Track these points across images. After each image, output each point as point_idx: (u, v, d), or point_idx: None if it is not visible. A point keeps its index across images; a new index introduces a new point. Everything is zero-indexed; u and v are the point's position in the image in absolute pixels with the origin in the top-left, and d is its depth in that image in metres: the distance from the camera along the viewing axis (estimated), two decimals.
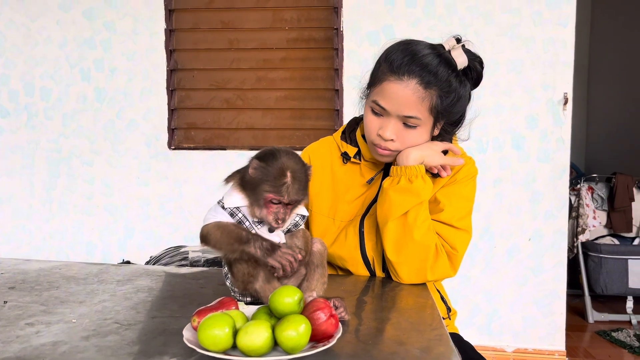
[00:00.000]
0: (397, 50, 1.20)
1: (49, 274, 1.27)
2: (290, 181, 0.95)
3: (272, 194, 0.95)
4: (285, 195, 0.95)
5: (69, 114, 2.96)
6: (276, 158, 0.96)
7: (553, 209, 2.73)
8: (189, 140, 2.94)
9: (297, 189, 0.96)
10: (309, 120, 2.87)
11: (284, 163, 0.95)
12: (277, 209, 0.96)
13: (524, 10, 2.67)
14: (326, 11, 2.81)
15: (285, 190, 0.95)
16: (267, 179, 0.95)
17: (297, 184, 0.96)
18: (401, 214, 1.21)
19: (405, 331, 0.92)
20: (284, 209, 0.96)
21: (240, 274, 0.97)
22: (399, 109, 1.18)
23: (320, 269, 1.02)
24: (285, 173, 0.95)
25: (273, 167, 0.95)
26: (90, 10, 2.90)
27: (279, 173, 0.95)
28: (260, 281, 0.95)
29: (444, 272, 1.23)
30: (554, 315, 2.76)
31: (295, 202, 0.97)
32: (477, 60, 1.24)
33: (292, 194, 0.95)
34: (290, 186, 0.95)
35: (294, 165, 0.97)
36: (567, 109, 2.67)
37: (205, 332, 0.75)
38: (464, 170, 1.30)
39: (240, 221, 0.99)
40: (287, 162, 0.96)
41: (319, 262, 1.02)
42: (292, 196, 0.96)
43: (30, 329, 0.90)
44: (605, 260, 3.33)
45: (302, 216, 1.04)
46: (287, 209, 0.97)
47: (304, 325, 0.77)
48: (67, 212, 3.00)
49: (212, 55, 2.89)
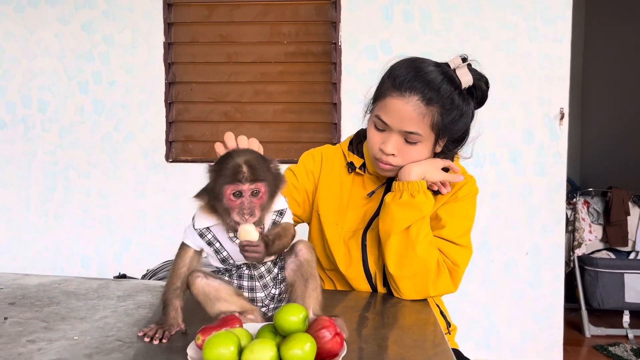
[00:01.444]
0: (402, 66, 1.22)
1: (49, 289, 1.26)
2: (245, 168, 0.90)
3: (229, 185, 0.90)
4: (243, 180, 0.89)
5: (66, 126, 2.95)
6: (230, 155, 0.93)
7: (550, 223, 2.74)
8: (187, 153, 2.94)
9: (255, 173, 0.90)
10: (307, 133, 2.88)
11: (236, 156, 0.92)
12: (241, 202, 0.90)
13: (520, 26, 2.70)
14: (324, 26, 2.83)
15: (242, 177, 0.89)
16: (222, 174, 0.91)
17: (255, 170, 0.91)
18: (403, 229, 1.21)
19: (409, 349, 0.92)
20: (248, 200, 0.90)
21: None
22: (400, 124, 1.19)
23: (311, 281, 0.97)
24: (238, 162, 0.91)
25: (225, 162, 0.92)
26: (89, 23, 2.91)
27: (232, 164, 0.91)
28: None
29: (445, 288, 1.23)
30: (551, 329, 2.76)
31: (257, 187, 0.91)
32: (482, 80, 1.26)
33: (249, 178, 0.90)
34: (246, 172, 0.90)
35: (248, 155, 0.93)
36: (563, 124, 2.70)
37: (210, 351, 0.75)
38: (465, 188, 1.31)
39: (210, 242, 0.98)
40: (239, 154, 0.93)
41: (309, 274, 0.98)
42: (251, 180, 0.90)
43: (32, 346, 0.89)
44: (602, 274, 3.33)
45: (280, 212, 0.99)
46: (254, 200, 0.91)
47: (309, 344, 0.76)
48: (63, 224, 2.99)
49: (211, 68, 2.90)
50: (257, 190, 0.91)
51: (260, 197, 0.92)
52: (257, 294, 1.00)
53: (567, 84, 2.69)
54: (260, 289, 1.00)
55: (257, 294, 1.00)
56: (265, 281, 1.00)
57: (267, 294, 1.00)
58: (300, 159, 1.44)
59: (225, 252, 0.99)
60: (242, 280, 1.00)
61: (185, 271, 0.99)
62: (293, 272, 0.99)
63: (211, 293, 0.96)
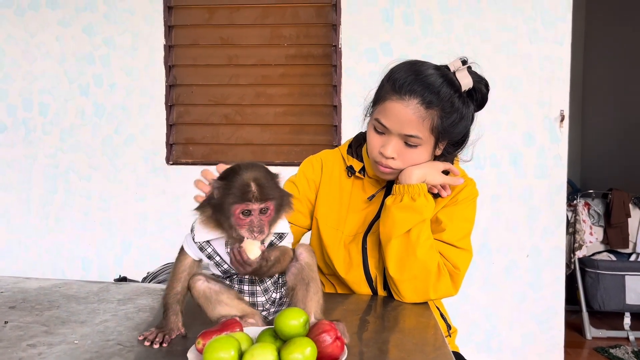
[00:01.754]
0: (401, 69, 1.22)
1: (49, 293, 1.26)
2: (254, 187, 0.90)
3: (238, 204, 0.90)
4: (253, 200, 0.90)
5: (67, 129, 2.96)
6: (237, 172, 0.93)
7: (550, 225, 2.74)
8: (187, 156, 2.94)
9: (264, 192, 0.91)
10: (307, 135, 2.88)
11: (245, 173, 0.92)
12: (250, 220, 0.91)
13: (521, 28, 2.70)
14: (325, 28, 2.84)
15: (252, 197, 0.90)
16: (231, 192, 0.90)
17: (264, 188, 0.91)
18: (404, 232, 1.21)
19: (410, 352, 0.91)
20: (257, 218, 0.91)
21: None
22: (400, 127, 1.19)
23: (312, 285, 0.97)
24: (248, 181, 0.91)
25: (235, 180, 0.91)
26: (90, 26, 2.91)
27: (241, 182, 0.90)
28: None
29: (446, 291, 1.23)
30: (552, 331, 2.75)
31: (267, 205, 0.91)
32: (482, 83, 1.26)
33: (259, 197, 0.90)
34: (255, 192, 0.90)
35: (256, 173, 0.92)
36: (563, 126, 2.69)
37: (211, 355, 0.75)
38: (465, 191, 1.31)
39: (210, 255, 0.98)
40: (248, 171, 0.92)
41: (309, 277, 0.98)
42: (261, 199, 0.90)
43: (32, 351, 0.89)
44: (603, 276, 3.33)
45: (280, 235, 0.99)
46: (262, 218, 0.91)
47: (309, 348, 0.76)
48: (63, 227, 2.99)
49: (211, 71, 2.90)
50: (267, 208, 0.92)
51: (269, 215, 0.93)
52: (258, 298, 1.00)
53: (568, 85, 2.69)
54: (261, 293, 1.00)
55: (258, 298, 1.00)
56: (266, 285, 1.00)
57: (268, 298, 1.00)
58: (300, 168, 1.43)
59: (225, 265, 0.98)
60: (243, 284, 1.00)
61: (185, 276, 0.99)
62: (294, 275, 0.99)
63: (212, 296, 0.96)
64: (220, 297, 0.96)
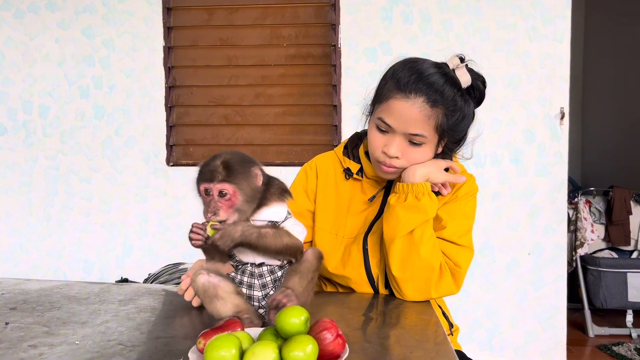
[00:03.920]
0: (404, 68, 1.21)
1: (50, 294, 1.26)
2: (217, 168, 0.93)
3: (201, 183, 0.94)
4: (213, 180, 0.92)
5: (67, 131, 2.96)
6: (216, 155, 0.96)
7: (552, 222, 2.73)
8: (188, 157, 2.94)
9: (226, 174, 0.93)
10: (308, 135, 2.88)
11: (220, 156, 0.95)
12: (210, 199, 0.93)
13: (520, 26, 2.70)
14: (324, 28, 2.84)
15: (213, 176, 0.92)
16: (201, 171, 0.96)
17: (229, 171, 0.93)
18: (408, 232, 1.20)
19: (412, 349, 0.91)
20: (215, 199, 0.93)
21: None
22: (405, 126, 1.18)
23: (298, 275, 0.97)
24: (215, 162, 0.94)
25: (210, 160, 0.96)
26: (89, 28, 2.91)
27: (210, 160, 0.95)
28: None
29: (447, 289, 1.23)
30: (554, 329, 2.75)
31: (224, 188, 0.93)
32: (480, 80, 1.25)
33: (219, 178, 0.92)
34: (218, 172, 0.93)
35: (230, 156, 0.95)
36: (564, 123, 2.69)
37: (212, 354, 0.75)
38: (465, 187, 1.30)
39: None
40: (223, 155, 0.95)
41: (300, 269, 0.98)
42: (220, 179, 0.92)
43: (33, 351, 0.89)
44: (605, 274, 3.33)
45: (273, 223, 0.99)
46: (222, 201, 0.93)
47: (311, 346, 0.76)
48: (64, 229, 2.99)
49: (211, 71, 2.90)
50: (225, 192, 0.94)
51: (229, 199, 0.94)
52: (254, 292, 1.00)
53: (568, 83, 2.69)
54: (258, 288, 1.00)
55: (254, 292, 1.00)
56: (264, 281, 1.00)
57: (265, 294, 1.00)
58: (295, 179, 1.41)
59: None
60: (244, 275, 1.00)
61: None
62: (290, 269, 1.00)
63: (209, 290, 0.97)
64: (218, 291, 0.96)
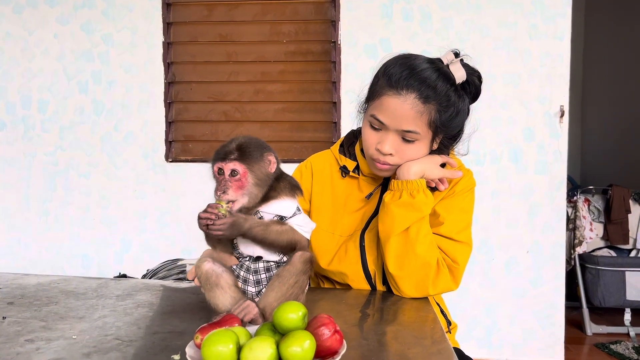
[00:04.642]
0: (396, 64, 1.20)
1: (48, 289, 1.25)
2: (231, 148, 0.96)
3: (215, 163, 0.96)
4: (226, 159, 0.95)
5: (66, 126, 2.95)
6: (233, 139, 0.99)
7: (551, 221, 2.73)
8: (187, 153, 2.94)
9: (239, 154, 0.95)
10: (307, 132, 2.88)
11: (236, 138, 0.98)
12: (221, 179, 0.95)
13: (520, 24, 2.69)
14: (324, 24, 2.83)
15: (225, 156, 0.95)
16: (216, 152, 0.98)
17: (242, 152, 0.95)
18: (403, 229, 1.20)
19: (409, 345, 0.91)
20: (226, 178, 0.95)
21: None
22: (397, 123, 1.18)
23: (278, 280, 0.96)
24: (232, 142, 0.97)
25: (226, 143, 0.98)
26: (88, 23, 2.90)
27: (227, 143, 0.98)
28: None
29: (445, 286, 1.23)
30: (553, 327, 2.75)
31: (235, 167, 0.94)
32: (475, 75, 1.24)
33: (231, 157, 0.95)
34: (232, 151, 0.95)
35: (246, 139, 0.98)
36: (563, 122, 2.69)
37: (209, 349, 0.74)
38: (462, 182, 1.29)
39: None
40: (240, 137, 0.98)
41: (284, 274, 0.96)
42: (232, 159, 0.94)
43: (30, 346, 0.89)
44: (603, 272, 3.33)
45: (280, 217, 1.00)
46: (232, 180, 0.95)
47: (308, 341, 0.76)
48: (63, 224, 2.99)
49: (210, 67, 2.90)
50: (236, 172, 0.95)
51: (239, 179, 0.95)
52: (249, 287, 1.00)
53: (568, 81, 2.69)
54: (253, 284, 1.00)
55: (249, 287, 1.00)
56: (259, 277, 1.00)
57: (258, 291, 1.00)
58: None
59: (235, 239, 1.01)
60: (241, 269, 1.01)
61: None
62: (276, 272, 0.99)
63: (211, 278, 0.98)
64: (219, 280, 0.97)
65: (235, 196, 0.95)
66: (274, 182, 1.00)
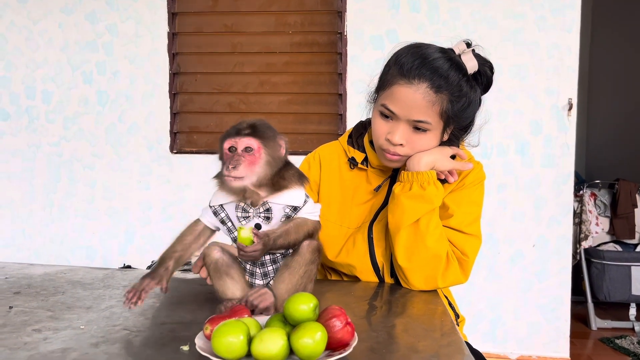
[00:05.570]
0: (407, 53, 1.19)
1: (54, 279, 1.25)
2: (245, 125, 0.94)
3: (227, 139, 0.93)
4: (240, 134, 0.92)
5: (70, 117, 2.94)
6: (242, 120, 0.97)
7: (557, 215, 2.71)
8: (191, 144, 2.93)
9: (252, 131, 0.93)
10: (312, 124, 2.86)
11: (246, 119, 0.96)
12: (233, 155, 0.92)
13: (528, 15, 2.66)
14: (330, 15, 2.81)
15: (239, 132, 0.92)
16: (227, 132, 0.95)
17: (255, 129, 0.93)
18: (413, 221, 1.19)
19: (419, 338, 0.90)
20: (240, 154, 0.92)
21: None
22: (409, 113, 1.16)
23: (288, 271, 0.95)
24: (243, 122, 0.95)
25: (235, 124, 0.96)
26: (93, 13, 2.89)
27: (237, 123, 0.95)
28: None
29: (455, 279, 1.21)
30: (558, 321, 2.74)
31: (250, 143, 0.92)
32: (487, 65, 1.23)
33: (245, 133, 0.92)
34: (244, 129, 0.93)
35: (257, 121, 0.95)
36: (571, 115, 2.67)
37: (219, 340, 0.73)
38: (472, 174, 1.28)
39: (223, 220, 0.98)
40: (251, 119, 0.96)
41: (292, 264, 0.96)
42: (246, 134, 0.92)
43: (37, 335, 0.88)
44: (608, 267, 3.31)
45: (294, 208, 0.97)
46: (245, 156, 0.91)
47: (320, 333, 0.75)
48: (67, 216, 2.98)
49: (215, 58, 2.88)
50: (251, 147, 0.92)
51: (253, 155, 0.92)
52: (256, 280, 0.99)
53: (576, 74, 2.66)
54: (260, 277, 0.99)
55: (256, 280, 0.99)
56: (266, 270, 0.99)
57: (265, 283, 0.99)
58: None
59: (236, 233, 0.97)
60: (247, 262, 1.00)
61: (190, 240, 1.00)
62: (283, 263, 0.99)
63: (222, 267, 0.97)
64: (229, 270, 0.97)
65: (245, 172, 0.91)
66: (282, 169, 0.98)
